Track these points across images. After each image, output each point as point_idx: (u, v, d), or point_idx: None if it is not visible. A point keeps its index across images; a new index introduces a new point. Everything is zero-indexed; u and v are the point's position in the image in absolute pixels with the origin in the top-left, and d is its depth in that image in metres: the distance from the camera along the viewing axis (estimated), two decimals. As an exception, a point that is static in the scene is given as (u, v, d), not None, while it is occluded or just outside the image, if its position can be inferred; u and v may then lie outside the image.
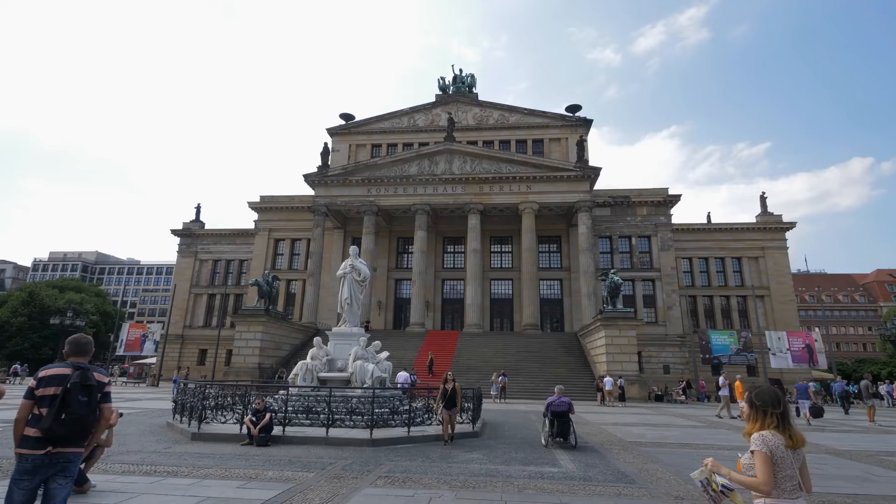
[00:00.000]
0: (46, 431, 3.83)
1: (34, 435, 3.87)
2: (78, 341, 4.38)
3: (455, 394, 12.06)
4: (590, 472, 8.80)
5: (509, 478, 8.26)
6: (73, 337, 4.40)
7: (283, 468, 8.71)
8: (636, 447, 12.01)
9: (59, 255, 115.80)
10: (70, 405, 3.93)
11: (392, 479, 8.08)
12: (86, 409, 3.98)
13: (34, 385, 3.98)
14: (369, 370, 15.08)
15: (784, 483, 3.00)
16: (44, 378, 3.99)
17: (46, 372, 4.03)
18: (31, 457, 3.86)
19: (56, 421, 3.85)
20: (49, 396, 3.90)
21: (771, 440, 3.02)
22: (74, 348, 4.31)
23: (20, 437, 3.91)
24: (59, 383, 3.95)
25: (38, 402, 3.92)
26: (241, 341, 34.33)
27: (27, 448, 3.87)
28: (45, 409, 3.88)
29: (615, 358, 31.02)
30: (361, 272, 16.74)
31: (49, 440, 3.87)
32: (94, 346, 4.50)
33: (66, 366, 4.10)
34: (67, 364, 4.14)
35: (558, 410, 11.70)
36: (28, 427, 3.90)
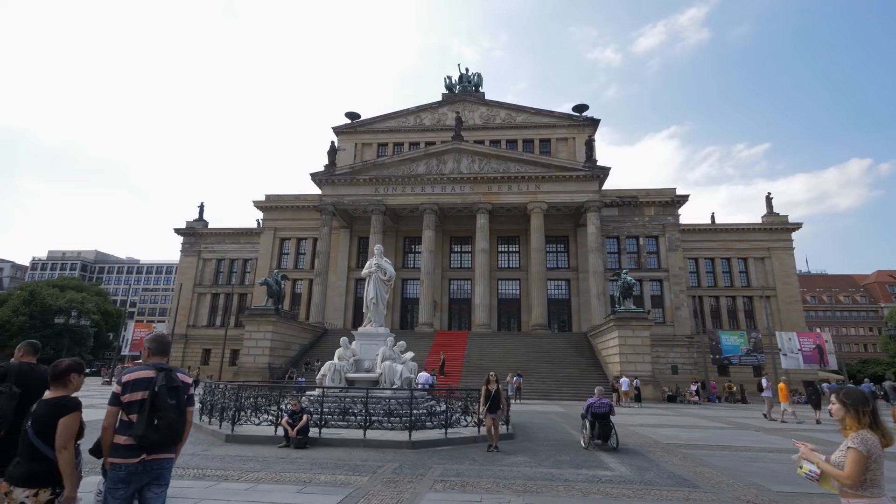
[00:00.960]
0: (140, 438, 3.62)
1: (126, 443, 3.66)
2: (161, 340, 4.17)
3: (499, 396, 11.30)
4: (646, 476, 8.63)
5: (568, 482, 8.08)
6: (155, 336, 4.18)
7: (332, 472, 8.51)
8: (676, 449, 11.85)
9: (57, 254, 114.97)
10: (160, 409, 3.73)
11: (449, 483, 7.88)
12: (176, 413, 3.80)
13: (119, 390, 3.76)
14: (398, 371, 14.88)
15: (875, 480, 3.08)
16: (129, 382, 3.76)
17: (130, 376, 3.79)
18: (124, 465, 3.65)
19: (149, 427, 3.64)
20: (137, 401, 3.69)
21: (870, 440, 3.10)
22: (158, 348, 4.09)
23: (110, 446, 3.70)
24: (146, 387, 3.74)
25: (125, 407, 3.71)
26: (250, 341, 34.05)
27: (120, 457, 3.66)
28: (134, 415, 3.68)
29: (628, 358, 30.90)
30: (387, 271, 16.53)
31: (142, 447, 3.67)
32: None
33: (149, 368, 3.88)
34: (150, 366, 3.92)
35: (599, 412, 11.54)
36: (118, 435, 3.69)
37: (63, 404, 3.61)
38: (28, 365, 5.31)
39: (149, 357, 4.01)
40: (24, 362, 5.45)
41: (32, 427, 3.50)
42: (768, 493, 7.58)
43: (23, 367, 5.25)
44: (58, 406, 3.58)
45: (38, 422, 3.51)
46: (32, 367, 5.44)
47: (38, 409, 3.58)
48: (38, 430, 3.50)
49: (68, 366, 3.82)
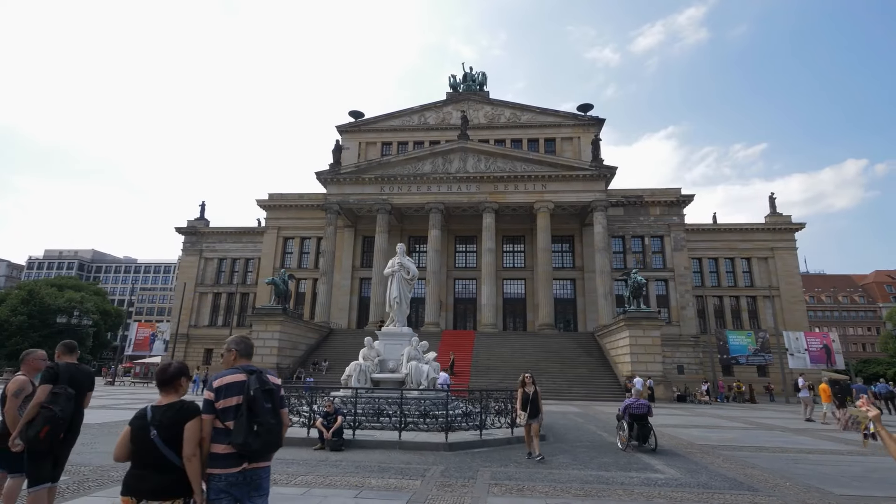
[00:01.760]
0: (241, 446, 3.38)
1: (225, 451, 3.42)
2: (247, 342, 3.95)
3: (537, 399, 10.37)
4: (699, 479, 8.49)
5: (624, 485, 7.92)
6: (239, 338, 3.95)
7: (380, 475, 8.30)
8: (714, 451, 11.72)
9: (54, 253, 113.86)
10: (258, 414, 3.47)
11: (505, 487, 7.70)
12: (274, 417, 3.55)
13: (212, 396, 3.51)
14: (424, 371, 14.70)
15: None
16: (221, 387, 3.50)
17: (222, 381, 3.54)
18: (225, 476, 3.40)
19: (250, 433, 3.39)
20: (233, 407, 3.44)
21: None
22: (245, 349, 3.87)
23: (208, 455, 3.48)
24: (240, 391, 3.49)
25: (219, 414, 3.45)
26: (258, 341, 33.64)
27: (220, 467, 3.42)
28: (230, 422, 3.42)
29: (639, 358, 30.84)
30: (410, 270, 16.33)
31: (243, 455, 3.44)
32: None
33: (238, 371, 3.64)
34: (239, 369, 3.68)
35: (637, 413, 11.39)
36: (215, 444, 3.44)
37: (186, 409, 3.39)
38: (74, 365, 5.23)
39: (235, 360, 3.79)
40: (70, 363, 5.27)
41: (160, 435, 3.28)
42: (832, 496, 7.44)
43: (70, 367, 5.16)
44: (181, 411, 3.37)
45: (164, 429, 3.28)
46: (78, 368, 5.29)
47: (160, 415, 3.35)
48: (166, 437, 3.27)
49: (177, 369, 3.60)
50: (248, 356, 3.80)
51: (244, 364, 3.72)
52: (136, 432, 3.37)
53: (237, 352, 3.76)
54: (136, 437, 3.36)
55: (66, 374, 5.09)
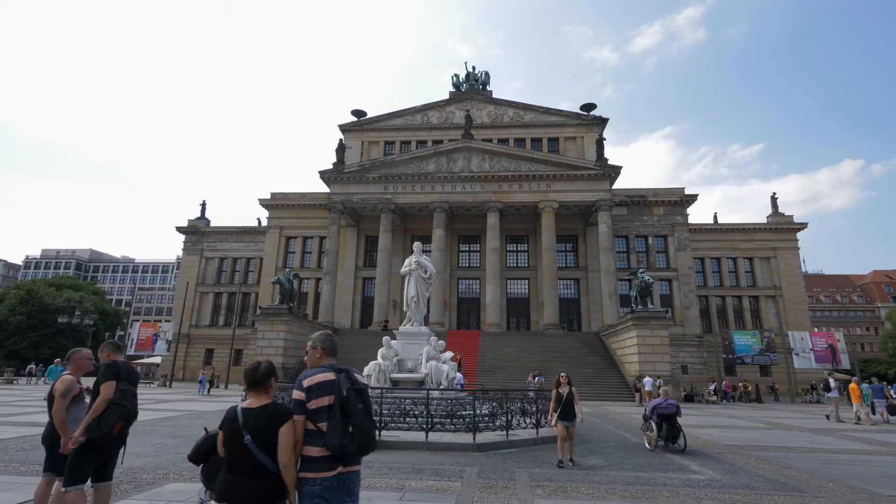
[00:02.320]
0: (338, 449, 3.19)
1: (320, 454, 3.23)
2: (333, 340, 3.79)
3: (573, 400, 9.70)
4: (740, 480, 8.36)
5: (668, 486, 7.79)
6: (325, 335, 3.79)
7: (418, 477, 8.13)
8: (743, 451, 11.61)
9: (51, 253, 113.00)
10: (352, 415, 3.29)
11: (548, 488, 7.55)
12: (367, 418, 3.37)
13: (303, 396, 3.33)
14: (444, 371, 14.56)
15: None
16: (312, 387, 3.30)
17: (312, 380, 3.33)
18: (320, 480, 3.21)
19: (346, 435, 3.22)
20: (325, 408, 3.25)
21: None
22: (331, 347, 3.70)
23: (300, 458, 3.31)
24: (331, 391, 3.30)
25: (311, 415, 3.26)
26: (263, 341, 33.48)
27: (314, 470, 3.22)
28: (323, 423, 3.24)
29: (647, 358, 30.78)
30: (428, 269, 16.19)
31: (338, 458, 3.25)
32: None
33: (327, 370, 3.46)
34: (327, 367, 3.51)
35: (666, 413, 11.27)
36: (308, 446, 3.24)
37: (279, 412, 3.21)
38: (125, 363, 5.19)
39: (321, 357, 3.62)
40: (121, 361, 5.20)
41: (254, 441, 3.10)
42: (880, 497, 7.34)
43: (126, 365, 5.16)
44: (274, 414, 3.18)
45: (259, 433, 3.10)
46: (129, 366, 5.25)
47: (253, 419, 3.17)
48: (260, 442, 3.09)
49: (268, 369, 3.42)
50: (333, 354, 3.64)
51: (330, 362, 3.57)
52: (228, 436, 3.19)
53: (323, 350, 3.59)
54: (229, 442, 3.19)
55: (125, 371, 5.10)
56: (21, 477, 7.56)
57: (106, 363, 5.05)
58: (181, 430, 13.10)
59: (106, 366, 4.99)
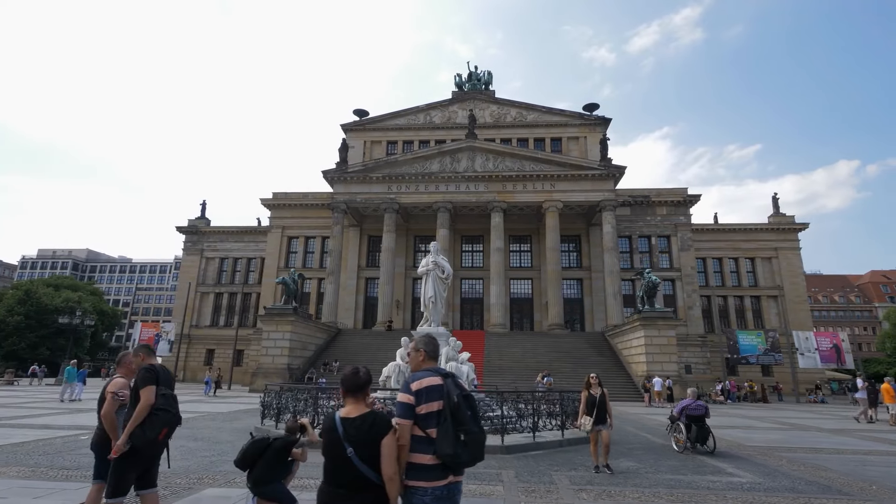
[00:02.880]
0: (451, 457, 3.05)
1: (431, 462, 3.08)
2: (435, 342, 3.65)
3: (605, 403, 9.12)
4: (782, 482, 8.27)
5: (711, 489, 7.68)
6: (428, 338, 3.64)
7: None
8: (771, 452, 11.53)
9: (48, 253, 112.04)
10: (463, 423, 3.15)
11: (592, 492, 7.43)
12: (477, 426, 3.22)
13: (412, 400, 3.17)
14: (464, 372, 14.44)
15: None
16: (422, 391, 3.15)
17: (421, 383, 3.18)
18: (431, 490, 3.06)
19: (458, 443, 3.08)
20: (434, 413, 3.12)
21: None
22: (434, 351, 3.58)
23: (408, 466, 3.16)
24: (440, 396, 3.16)
25: (420, 421, 3.11)
26: (268, 341, 33.23)
27: (426, 479, 3.07)
28: (432, 430, 3.10)
29: (655, 358, 30.73)
30: (445, 269, 16.00)
31: (449, 467, 3.11)
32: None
33: (434, 374, 3.32)
34: (433, 371, 3.38)
35: (695, 414, 11.17)
36: (417, 453, 3.09)
37: (380, 423, 3.04)
38: (162, 367, 5.08)
39: (424, 361, 3.48)
40: (158, 364, 5.08)
41: (357, 453, 2.95)
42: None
43: (163, 368, 5.04)
44: (375, 426, 3.02)
45: (361, 446, 2.95)
46: (166, 369, 5.12)
47: (354, 431, 3.01)
48: (364, 455, 2.94)
49: (368, 376, 3.27)
50: (435, 358, 3.50)
51: (433, 366, 3.43)
52: (329, 448, 3.04)
53: (426, 353, 3.45)
54: (330, 454, 3.04)
55: (163, 374, 4.97)
56: (54, 482, 7.38)
57: (144, 367, 4.91)
58: (199, 433, 12.91)
59: (144, 370, 4.84)
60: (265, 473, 5.16)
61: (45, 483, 7.32)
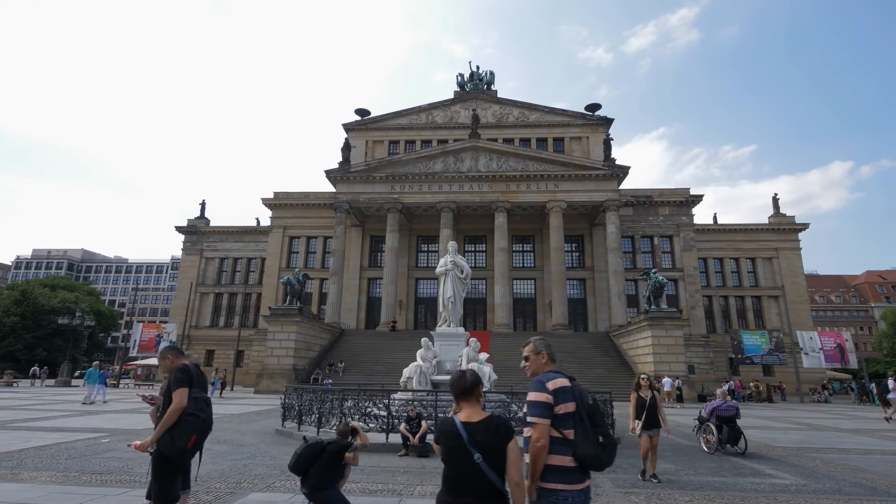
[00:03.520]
0: (592, 459, 3.04)
1: (569, 464, 3.02)
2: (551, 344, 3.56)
3: (656, 406, 8.52)
4: (827, 485, 8.18)
5: (759, 492, 7.59)
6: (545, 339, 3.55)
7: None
8: (800, 453, 11.49)
9: (42, 253, 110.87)
10: (600, 425, 3.18)
11: (641, 495, 7.31)
12: (607, 429, 3.25)
13: (550, 400, 3.09)
14: (486, 373, 14.31)
15: None
16: (558, 391, 3.10)
17: (555, 383, 3.13)
18: (568, 493, 2.99)
19: (598, 445, 3.07)
20: (571, 414, 3.08)
21: None
22: (553, 352, 3.49)
23: (544, 468, 3.05)
24: (571, 397, 3.13)
25: (557, 421, 3.05)
26: (274, 342, 32.97)
27: (566, 482, 3.00)
28: (569, 431, 3.05)
29: (662, 358, 30.74)
30: (464, 269, 15.88)
31: (586, 469, 3.08)
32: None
33: (561, 374, 3.27)
34: (559, 372, 3.31)
35: (727, 415, 11.10)
36: (557, 455, 3.02)
37: (505, 426, 2.93)
38: (196, 367, 4.89)
39: (546, 363, 3.38)
40: (192, 365, 4.88)
41: (485, 459, 2.82)
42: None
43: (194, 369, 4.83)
44: (501, 429, 2.90)
45: (489, 452, 2.82)
46: (199, 370, 4.91)
47: (479, 435, 2.87)
48: (492, 461, 2.81)
49: (475, 377, 3.15)
50: (555, 360, 3.41)
51: (555, 368, 3.34)
52: (452, 454, 2.90)
53: (548, 355, 3.37)
54: (454, 461, 2.90)
55: (196, 377, 4.74)
56: (91, 488, 7.19)
57: (178, 367, 4.70)
58: (221, 436, 12.68)
59: (178, 370, 4.64)
60: (321, 478, 5.02)
61: (82, 489, 7.13)
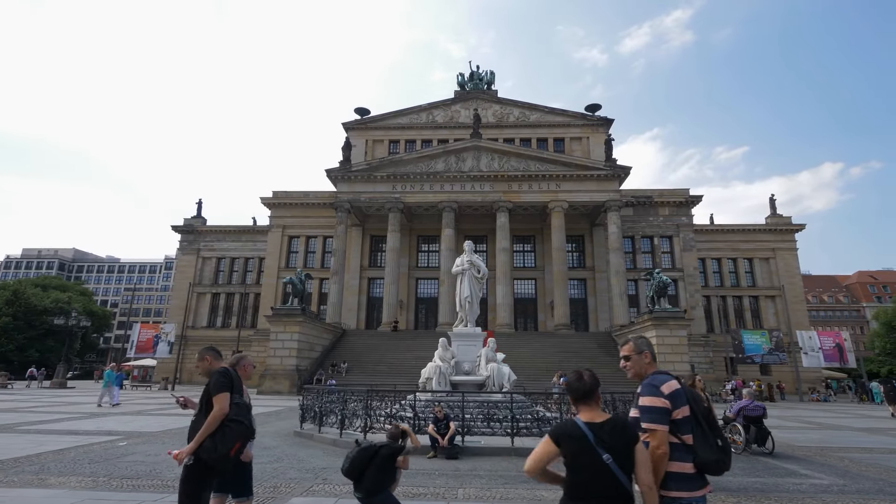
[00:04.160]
0: (714, 464, 2.98)
1: (691, 471, 2.96)
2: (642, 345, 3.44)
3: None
4: (865, 485, 8.15)
5: (803, 493, 7.53)
6: (644, 338, 3.46)
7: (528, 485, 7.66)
8: (825, 453, 11.47)
9: (33, 252, 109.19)
10: (715, 428, 3.14)
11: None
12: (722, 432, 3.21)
13: (667, 405, 3.00)
14: (506, 373, 14.22)
15: None
16: (673, 394, 3.02)
17: (670, 386, 3.04)
18: (690, 501, 2.93)
19: (717, 449, 3.02)
20: (687, 419, 3.01)
21: None
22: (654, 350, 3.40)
23: (665, 476, 2.94)
24: (684, 400, 3.05)
25: (675, 426, 2.98)
26: (276, 342, 32.65)
27: (688, 489, 2.93)
28: (687, 436, 2.98)
29: (666, 358, 30.74)
30: (481, 269, 15.78)
31: (707, 474, 3.02)
32: None
33: (669, 376, 3.18)
34: (668, 373, 3.22)
35: (754, 415, 11.07)
36: (678, 462, 2.94)
37: (631, 427, 2.88)
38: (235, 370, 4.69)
39: (650, 364, 3.28)
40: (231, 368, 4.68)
41: (616, 462, 2.70)
42: None
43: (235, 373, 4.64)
44: (627, 430, 2.82)
45: (619, 453, 2.72)
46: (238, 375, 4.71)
47: (607, 436, 2.76)
48: (621, 464, 2.71)
49: (593, 377, 3.02)
50: (656, 360, 3.30)
51: (659, 369, 3.22)
52: (578, 456, 2.78)
53: (651, 355, 3.25)
54: (580, 463, 2.77)
55: (237, 381, 4.54)
56: (125, 493, 6.98)
57: (219, 371, 4.50)
58: (238, 438, 12.45)
59: (219, 373, 4.44)
60: (376, 482, 4.88)
61: (115, 494, 6.92)
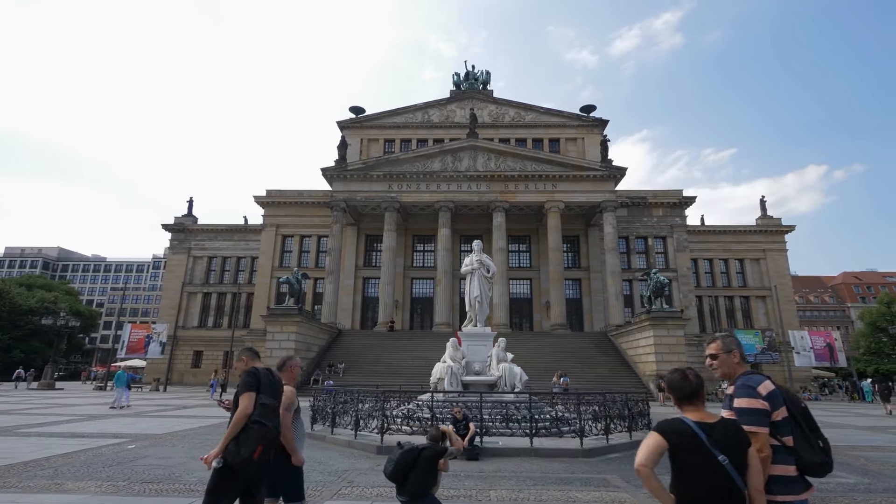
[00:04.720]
0: (819, 467, 2.95)
1: (795, 473, 2.92)
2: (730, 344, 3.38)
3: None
4: (888, 483, 8.21)
5: (830, 491, 7.55)
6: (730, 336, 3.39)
7: (567, 487, 7.66)
8: (840, 451, 11.43)
9: (15, 251, 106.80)
10: (815, 428, 3.07)
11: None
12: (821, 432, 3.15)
13: (767, 406, 2.94)
14: (517, 373, 14.16)
15: None
16: (770, 395, 2.95)
17: (766, 386, 2.98)
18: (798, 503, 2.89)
19: (819, 451, 2.97)
20: (785, 420, 2.95)
21: None
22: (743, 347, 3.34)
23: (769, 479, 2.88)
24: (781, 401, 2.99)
25: (775, 428, 2.92)
26: (273, 342, 32.25)
27: (791, 493, 2.89)
28: (787, 437, 2.93)
29: (664, 358, 30.98)
30: (490, 268, 15.72)
31: (810, 476, 2.99)
32: None
33: (763, 376, 3.13)
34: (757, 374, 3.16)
35: (769, 415, 11.08)
36: (781, 465, 2.88)
37: (741, 429, 2.81)
38: (266, 371, 4.47)
39: (739, 364, 3.20)
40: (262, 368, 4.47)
41: (732, 463, 2.63)
42: None
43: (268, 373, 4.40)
44: (740, 431, 2.78)
45: (734, 454, 2.66)
46: (271, 373, 4.48)
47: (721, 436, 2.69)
48: (736, 465, 2.65)
49: (698, 377, 2.94)
50: (745, 360, 3.24)
51: (750, 370, 3.15)
52: (691, 456, 2.68)
53: (740, 353, 3.18)
54: (693, 463, 2.68)
55: (266, 381, 4.29)
56: (148, 498, 6.77)
57: (246, 371, 4.31)
58: (248, 440, 12.23)
59: (246, 374, 4.26)
60: (420, 485, 4.81)
61: (138, 499, 6.71)
